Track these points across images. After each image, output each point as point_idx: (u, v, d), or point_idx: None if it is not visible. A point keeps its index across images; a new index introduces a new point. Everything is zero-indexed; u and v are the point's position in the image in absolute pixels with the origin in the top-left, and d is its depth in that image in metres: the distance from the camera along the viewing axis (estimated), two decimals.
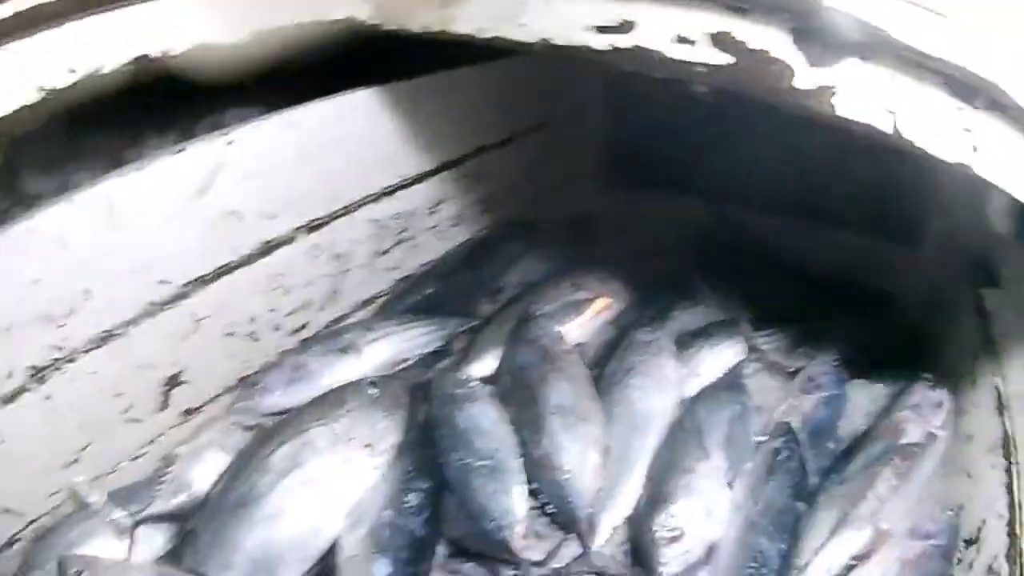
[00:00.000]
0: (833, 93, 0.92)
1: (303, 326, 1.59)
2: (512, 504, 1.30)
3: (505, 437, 1.40)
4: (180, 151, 1.22)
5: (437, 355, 1.66)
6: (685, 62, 0.98)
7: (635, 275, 1.83)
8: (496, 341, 1.63)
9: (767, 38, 0.93)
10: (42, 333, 1.16)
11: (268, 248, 1.44)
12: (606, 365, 1.58)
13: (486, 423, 1.41)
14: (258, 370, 1.52)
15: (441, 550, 1.30)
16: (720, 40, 0.95)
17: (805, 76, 0.92)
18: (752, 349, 1.65)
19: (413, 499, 1.31)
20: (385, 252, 1.69)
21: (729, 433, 1.41)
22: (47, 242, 1.10)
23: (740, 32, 0.94)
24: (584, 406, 1.43)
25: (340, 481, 1.31)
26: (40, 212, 1.09)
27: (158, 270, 1.28)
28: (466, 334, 1.71)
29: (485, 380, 1.55)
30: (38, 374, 1.18)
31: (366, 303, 1.74)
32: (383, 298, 1.77)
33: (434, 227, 1.81)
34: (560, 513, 1.32)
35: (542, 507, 1.34)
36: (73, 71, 1.06)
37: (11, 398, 1.16)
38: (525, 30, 1.13)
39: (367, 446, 1.34)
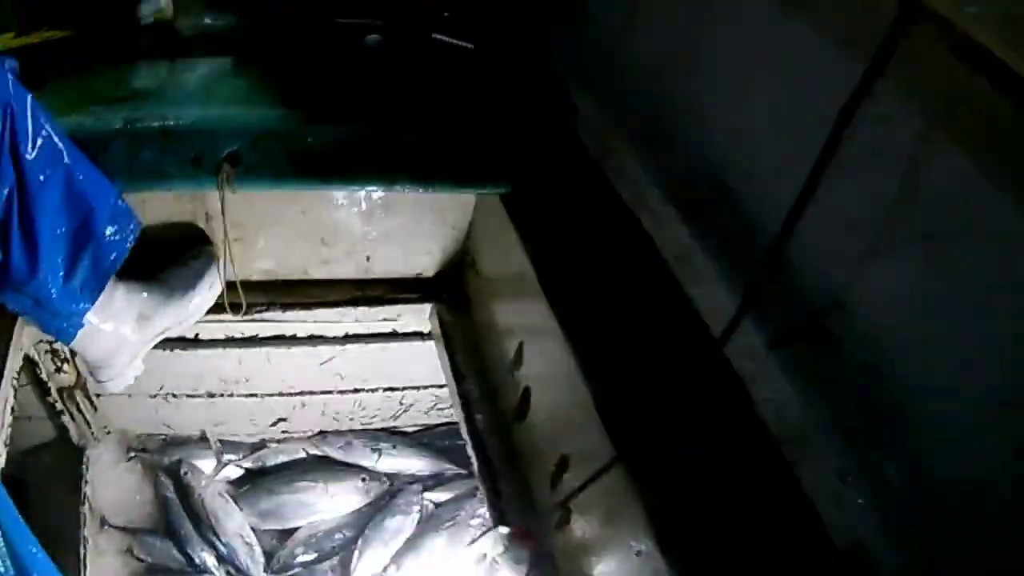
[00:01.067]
0: None
1: (371, 420, 2.80)
2: None
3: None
4: (316, 342, 2.43)
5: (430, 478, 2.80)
6: None
7: None
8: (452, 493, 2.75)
9: None
10: (216, 386, 2.50)
11: (358, 391, 2.63)
12: None
13: (395, 528, 2.61)
14: (331, 431, 2.80)
15: None
16: None
17: None
18: None
19: (338, 535, 2.62)
20: (440, 409, 2.80)
21: None
22: (227, 361, 2.41)
23: None
24: None
25: (316, 508, 2.64)
26: (226, 348, 2.37)
27: (289, 384, 2.55)
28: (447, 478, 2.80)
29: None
30: (211, 394, 2.53)
31: (418, 425, 2.88)
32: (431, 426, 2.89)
33: None
34: None
35: None
36: None
37: (198, 396, 2.54)
38: None
39: (332, 499, 2.64)
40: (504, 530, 1.65)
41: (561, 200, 1.78)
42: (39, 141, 1.50)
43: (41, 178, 1.52)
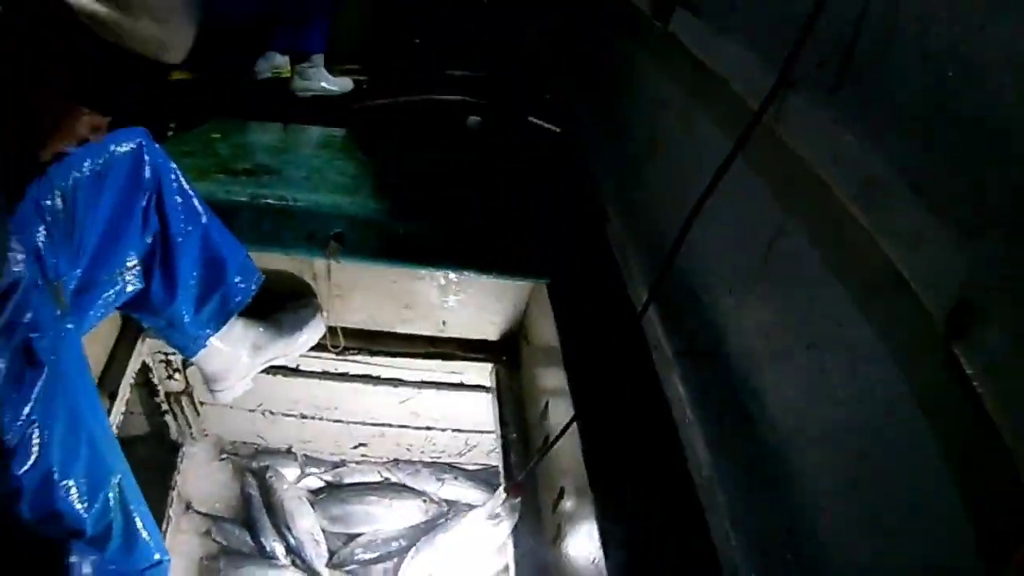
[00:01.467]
0: None
1: (439, 455, 3.26)
2: None
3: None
4: (396, 384, 2.91)
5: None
6: None
7: None
8: None
9: None
10: (309, 410, 3.01)
11: (430, 429, 3.08)
12: None
13: (444, 544, 2.97)
14: (404, 460, 3.25)
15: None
16: None
17: None
18: None
19: (394, 543, 3.05)
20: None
21: None
22: (320, 390, 2.92)
23: None
24: None
25: (380, 519, 3.07)
26: (321, 380, 2.89)
27: (371, 416, 3.03)
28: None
29: None
30: (303, 416, 3.03)
31: (480, 464, 3.29)
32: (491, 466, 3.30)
33: None
34: None
35: None
36: None
37: (291, 416, 3.06)
38: None
39: (395, 514, 3.07)
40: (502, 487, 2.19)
41: (589, 294, 2.22)
42: (182, 202, 1.97)
43: (183, 233, 1.99)
